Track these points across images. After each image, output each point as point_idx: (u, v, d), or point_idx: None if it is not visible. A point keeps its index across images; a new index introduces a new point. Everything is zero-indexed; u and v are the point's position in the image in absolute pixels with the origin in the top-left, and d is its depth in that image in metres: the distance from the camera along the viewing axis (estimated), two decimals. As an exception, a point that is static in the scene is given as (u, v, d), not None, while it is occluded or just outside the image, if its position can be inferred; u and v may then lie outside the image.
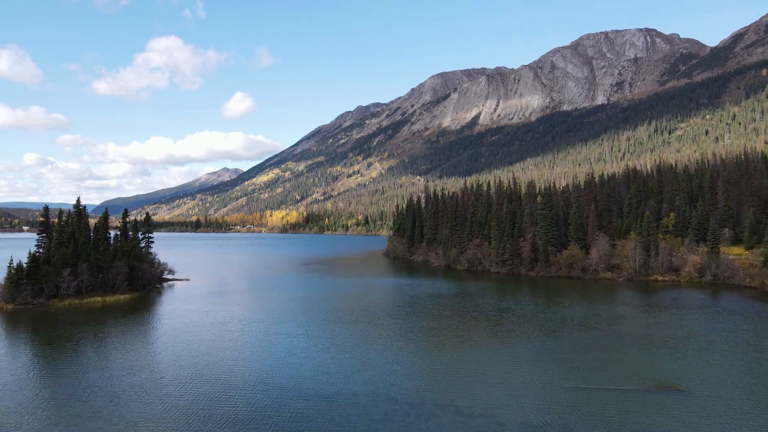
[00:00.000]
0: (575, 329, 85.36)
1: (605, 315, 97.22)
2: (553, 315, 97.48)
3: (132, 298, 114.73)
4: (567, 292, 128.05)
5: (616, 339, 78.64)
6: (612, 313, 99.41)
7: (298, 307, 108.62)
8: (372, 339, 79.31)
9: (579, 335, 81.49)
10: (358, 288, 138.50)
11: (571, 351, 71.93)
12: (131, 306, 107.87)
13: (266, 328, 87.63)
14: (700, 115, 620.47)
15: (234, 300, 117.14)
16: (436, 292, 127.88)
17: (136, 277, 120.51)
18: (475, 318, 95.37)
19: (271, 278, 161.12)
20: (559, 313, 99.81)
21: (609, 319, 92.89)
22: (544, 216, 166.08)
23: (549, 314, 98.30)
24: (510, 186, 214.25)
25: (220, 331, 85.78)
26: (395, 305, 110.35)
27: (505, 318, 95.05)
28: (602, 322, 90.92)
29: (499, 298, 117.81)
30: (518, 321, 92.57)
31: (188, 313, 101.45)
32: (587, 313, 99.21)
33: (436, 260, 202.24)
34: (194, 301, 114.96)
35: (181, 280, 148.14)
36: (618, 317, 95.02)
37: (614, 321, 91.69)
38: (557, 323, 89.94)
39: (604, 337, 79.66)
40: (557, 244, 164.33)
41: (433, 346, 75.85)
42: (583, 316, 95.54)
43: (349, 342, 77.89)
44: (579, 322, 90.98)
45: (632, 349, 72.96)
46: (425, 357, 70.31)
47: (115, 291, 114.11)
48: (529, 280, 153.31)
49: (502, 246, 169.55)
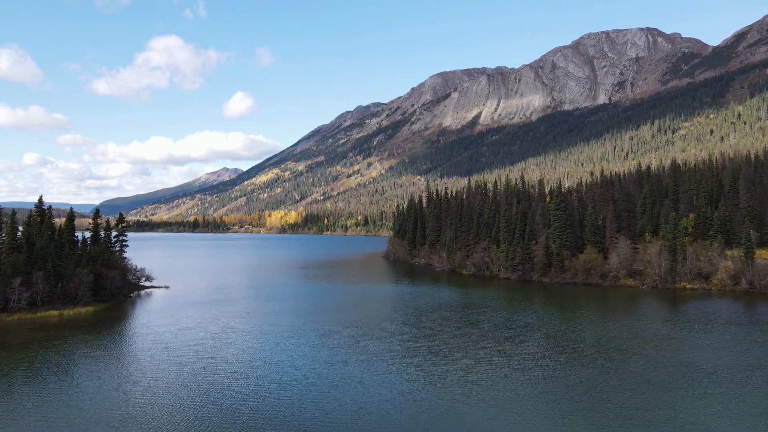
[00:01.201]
0: (615, 355, 70.03)
1: (645, 334, 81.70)
2: (584, 335, 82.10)
3: (95, 311, 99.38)
4: (590, 303, 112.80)
5: (671, 370, 63.15)
6: (652, 331, 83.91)
7: (286, 321, 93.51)
8: (368, 363, 64.17)
9: (622, 364, 66.17)
10: (355, 297, 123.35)
11: (618, 386, 56.69)
12: (91, 321, 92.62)
13: (245, 351, 72.48)
14: (704, 115, 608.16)
15: (213, 313, 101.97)
16: (442, 303, 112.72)
17: (103, 286, 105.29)
18: (489, 339, 79.99)
19: (260, 285, 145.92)
20: (589, 331, 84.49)
21: (653, 341, 77.37)
22: (558, 217, 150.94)
23: (578, 333, 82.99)
24: (516, 185, 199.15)
25: (188, 357, 70.58)
26: (395, 320, 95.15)
27: (526, 338, 79.74)
28: (645, 344, 75.36)
29: (513, 311, 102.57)
30: (543, 342, 77.24)
31: (155, 330, 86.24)
32: (623, 331, 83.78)
33: (439, 264, 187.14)
34: (167, 314, 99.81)
35: (160, 288, 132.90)
36: (662, 338, 79.48)
37: (660, 343, 76.16)
38: (591, 345, 74.62)
39: (654, 368, 64.15)
40: (572, 248, 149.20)
41: (438, 374, 60.69)
42: (619, 336, 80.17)
43: (341, 369, 62.70)
44: (617, 344, 75.55)
45: (696, 385, 57.70)
46: (429, 386, 55.10)
47: (76, 303, 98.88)
48: (543, 288, 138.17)
49: (512, 250, 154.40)
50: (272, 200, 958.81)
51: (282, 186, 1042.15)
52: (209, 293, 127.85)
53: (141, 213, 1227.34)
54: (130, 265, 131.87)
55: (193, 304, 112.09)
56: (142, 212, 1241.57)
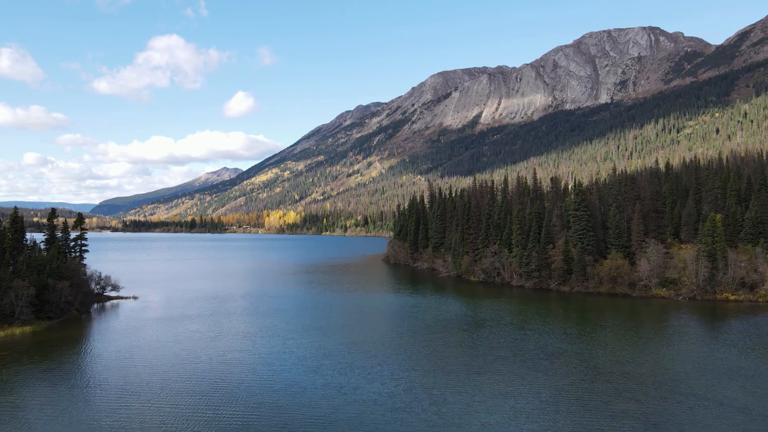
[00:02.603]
0: (668, 393, 52.34)
1: (701, 364, 63.65)
2: (631, 366, 64.01)
3: (34, 332, 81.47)
4: (622, 319, 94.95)
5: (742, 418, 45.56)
6: (711, 360, 65.94)
7: (265, 344, 75.93)
8: (360, 406, 46.57)
9: (675, 406, 48.48)
10: (350, 310, 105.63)
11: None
12: (23, 345, 74.77)
13: (210, 389, 54.87)
14: (709, 113, 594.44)
15: (182, 332, 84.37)
16: (449, 319, 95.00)
17: (49, 300, 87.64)
18: (511, 374, 62.24)
19: (245, 295, 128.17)
20: (633, 359, 66.55)
21: (710, 375, 59.42)
22: (578, 218, 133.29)
23: (624, 365, 64.93)
24: (526, 183, 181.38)
25: (130, 395, 52.91)
26: (396, 343, 77.42)
27: (557, 371, 61.92)
28: (701, 380, 57.47)
29: (534, 330, 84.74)
30: (581, 379, 59.45)
31: (97, 358, 68.60)
32: (673, 360, 65.98)
33: (444, 269, 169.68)
34: (125, 334, 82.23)
35: (127, 299, 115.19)
36: (721, 371, 61.54)
37: (717, 379, 58.21)
38: (636, 381, 56.78)
39: (723, 416, 46.58)
40: (594, 253, 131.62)
41: (450, 417, 43.14)
42: (672, 369, 62.34)
43: (329, 411, 45.07)
44: (670, 379, 57.85)
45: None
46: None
47: (12, 321, 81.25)
48: (563, 298, 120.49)
49: (527, 254, 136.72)
50: (271, 200, 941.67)
51: (281, 186, 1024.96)
52: (183, 305, 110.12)
53: (140, 213, 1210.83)
54: (94, 274, 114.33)
55: (159, 320, 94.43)
56: (141, 212, 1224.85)
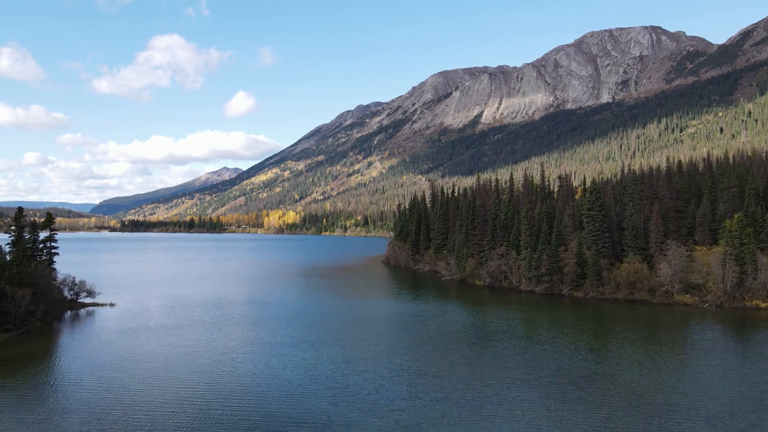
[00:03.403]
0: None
1: (749, 393, 53.56)
2: (707, 406, 53.92)
3: (-17, 348, 71.64)
4: (658, 332, 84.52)
5: None
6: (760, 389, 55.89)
7: (246, 362, 65.84)
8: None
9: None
10: (346, 320, 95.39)
11: None
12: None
13: (176, 420, 44.85)
14: (712, 113, 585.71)
15: (155, 347, 74.31)
16: (456, 331, 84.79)
17: (5, 310, 77.49)
18: (542, 409, 52.09)
19: (233, 301, 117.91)
20: (709, 400, 56.32)
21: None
22: (592, 218, 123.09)
23: (689, 402, 54.84)
24: (532, 181, 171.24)
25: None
26: (396, 362, 67.25)
27: (608, 409, 51.78)
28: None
29: (562, 345, 74.49)
30: (647, 422, 49.27)
31: (59, 379, 58.56)
32: (748, 394, 55.78)
33: (447, 272, 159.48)
34: (90, 349, 72.13)
35: (103, 306, 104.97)
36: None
37: None
38: (680, 412, 46.71)
39: None
40: (610, 256, 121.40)
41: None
42: (724, 399, 52.28)
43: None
44: (721, 413, 47.64)
45: None
46: None
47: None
48: (576, 305, 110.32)
49: (537, 257, 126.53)
50: (271, 200, 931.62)
51: (281, 186, 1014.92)
52: (164, 313, 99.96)
53: (140, 212, 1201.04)
54: (67, 279, 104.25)
55: (133, 331, 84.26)
56: (141, 212, 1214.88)
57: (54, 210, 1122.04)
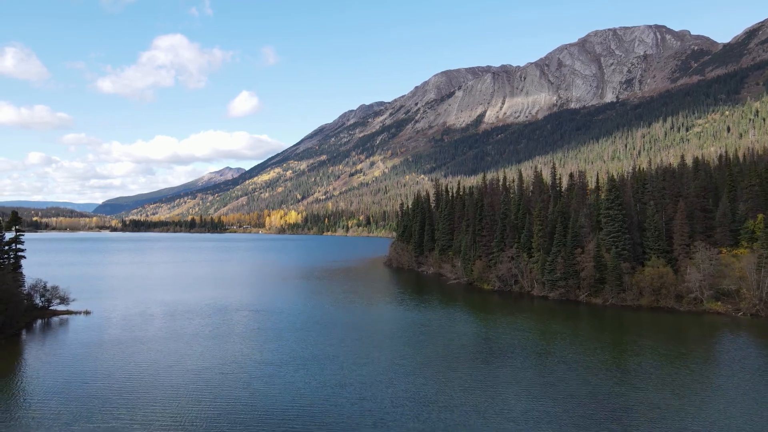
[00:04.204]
0: None
1: None
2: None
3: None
4: (696, 347, 73.96)
5: None
6: None
7: (225, 386, 55.97)
8: None
9: None
10: (343, 332, 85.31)
11: None
12: None
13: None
14: (719, 111, 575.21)
15: (124, 364, 64.52)
16: (466, 345, 74.66)
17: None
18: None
19: (221, 308, 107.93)
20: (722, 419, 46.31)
21: None
22: (612, 218, 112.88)
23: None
24: (542, 178, 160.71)
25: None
26: (398, 387, 57.23)
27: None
28: None
29: (590, 364, 64.36)
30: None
31: (10, 404, 48.79)
32: None
33: (452, 274, 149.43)
34: (52, 367, 62.28)
35: (77, 314, 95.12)
36: None
37: None
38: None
39: None
40: (631, 259, 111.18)
41: None
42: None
43: None
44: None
45: None
46: None
47: None
48: (595, 313, 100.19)
49: (551, 260, 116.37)
50: (273, 199, 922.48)
51: (284, 185, 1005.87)
52: (142, 322, 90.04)
53: (142, 212, 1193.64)
54: (38, 284, 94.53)
55: (104, 344, 74.38)
56: (144, 211, 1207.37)
57: (57, 210, 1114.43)
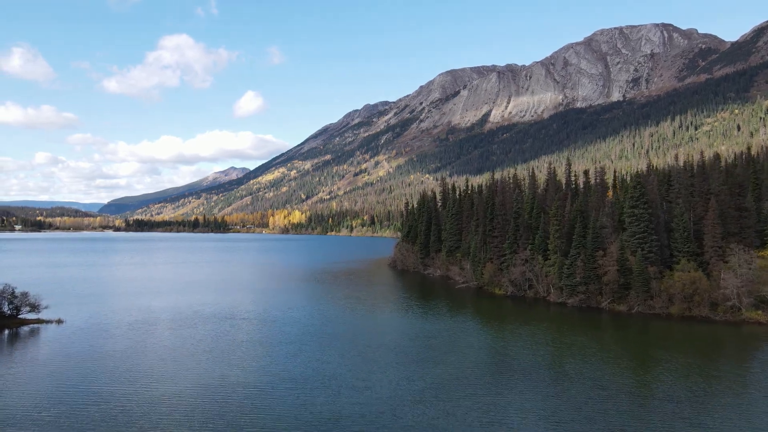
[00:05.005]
0: None
1: None
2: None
3: None
4: (753, 366, 64.06)
5: None
6: None
7: (195, 420, 46.31)
8: None
9: None
10: (341, 345, 75.34)
11: None
12: None
13: None
14: (728, 110, 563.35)
15: (88, 381, 54.99)
16: (482, 363, 64.63)
17: None
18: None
19: (208, 316, 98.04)
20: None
21: None
22: (637, 217, 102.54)
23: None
24: (555, 176, 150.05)
25: None
26: (408, 419, 47.38)
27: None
28: None
29: (637, 391, 54.43)
30: None
31: None
32: None
33: (460, 278, 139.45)
34: (10, 388, 52.90)
35: (48, 323, 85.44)
36: None
37: None
38: None
39: None
40: (658, 262, 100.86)
41: None
42: None
43: None
44: None
45: None
46: None
47: None
48: (620, 321, 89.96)
49: (570, 263, 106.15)
50: (278, 199, 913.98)
51: (288, 185, 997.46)
52: (119, 333, 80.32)
53: (147, 212, 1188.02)
54: (5, 290, 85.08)
55: (70, 359, 64.68)
56: (148, 211, 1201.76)
57: (61, 209, 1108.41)
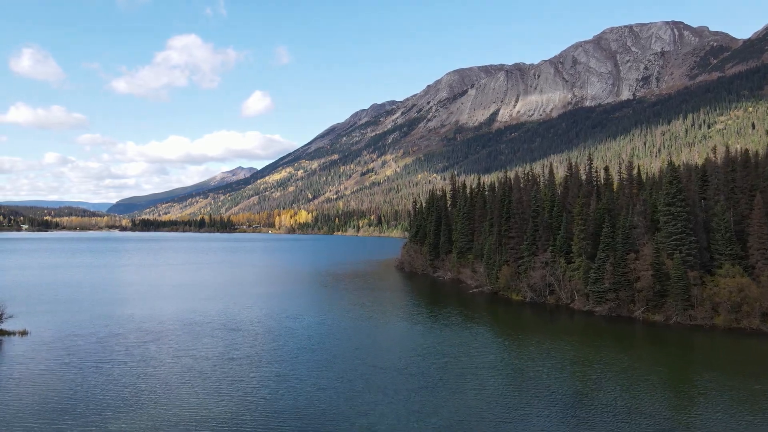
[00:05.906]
0: None
1: None
2: None
3: None
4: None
5: None
6: None
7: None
8: None
9: None
10: (342, 363, 64.63)
11: None
12: None
13: None
14: (742, 108, 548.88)
15: (43, 404, 44.67)
16: (507, 392, 53.73)
17: None
18: None
19: (195, 326, 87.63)
20: None
21: None
22: (674, 216, 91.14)
23: None
24: (577, 172, 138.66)
25: None
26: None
27: None
28: None
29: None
30: None
31: None
32: None
33: (473, 281, 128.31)
34: None
35: (11, 335, 75.19)
36: None
37: None
38: None
39: None
40: (698, 266, 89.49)
41: None
42: None
43: None
44: None
45: None
46: None
47: None
48: (656, 333, 78.73)
49: (597, 267, 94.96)
50: (284, 199, 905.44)
51: (295, 185, 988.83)
52: (88, 347, 69.98)
53: (155, 212, 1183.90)
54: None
55: (26, 379, 54.52)
56: (156, 211, 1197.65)
57: (69, 209, 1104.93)
